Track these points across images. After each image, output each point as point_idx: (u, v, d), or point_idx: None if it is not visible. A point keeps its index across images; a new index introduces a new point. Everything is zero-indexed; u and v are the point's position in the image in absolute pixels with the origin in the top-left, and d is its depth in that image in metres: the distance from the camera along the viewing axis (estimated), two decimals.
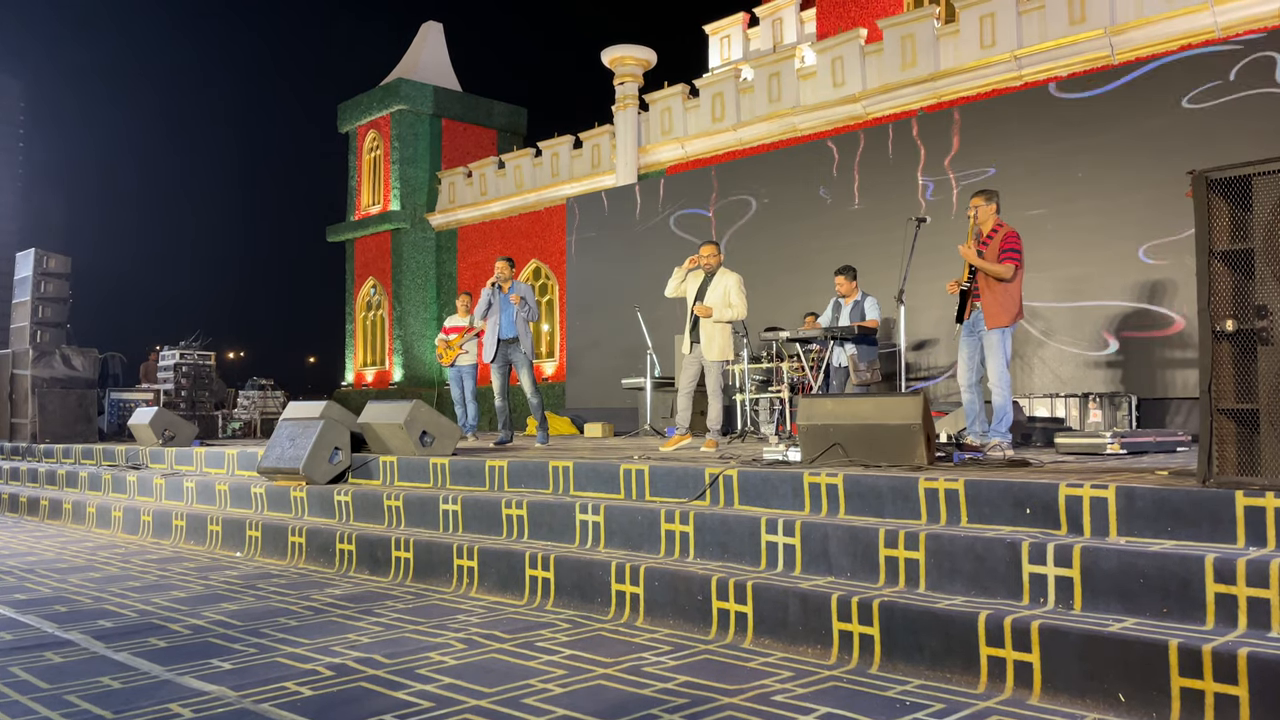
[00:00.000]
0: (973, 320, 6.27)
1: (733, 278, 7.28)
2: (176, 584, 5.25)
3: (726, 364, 7.37)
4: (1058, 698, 2.94)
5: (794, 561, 4.04)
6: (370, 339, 25.04)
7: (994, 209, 6.30)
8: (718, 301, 7.23)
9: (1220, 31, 11.73)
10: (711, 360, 7.27)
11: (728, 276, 7.29)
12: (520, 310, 8.53)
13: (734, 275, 7.31)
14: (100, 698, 3.10)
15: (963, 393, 6.44)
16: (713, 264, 7.35)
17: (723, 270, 7.36)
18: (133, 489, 8.25)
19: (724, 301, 7.22)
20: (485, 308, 8.60)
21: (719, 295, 7.24)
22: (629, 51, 18.58)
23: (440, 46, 26.13)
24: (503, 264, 8.76)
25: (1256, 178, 3.36)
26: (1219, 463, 3.45)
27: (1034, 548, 3.39)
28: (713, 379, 7.30)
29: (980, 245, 6.23)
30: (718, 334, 7.24)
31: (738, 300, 7.22)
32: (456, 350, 10.58)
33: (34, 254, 11.73)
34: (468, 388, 10.62)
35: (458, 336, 10.59)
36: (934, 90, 14.21)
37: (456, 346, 10.57)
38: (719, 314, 7.21)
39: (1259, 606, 2.90)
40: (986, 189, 6.41)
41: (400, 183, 23.80)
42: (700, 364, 7.39)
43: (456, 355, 10.59)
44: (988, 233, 6.26)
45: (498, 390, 8.64)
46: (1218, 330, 3.43)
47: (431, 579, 5.08)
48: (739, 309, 7.23)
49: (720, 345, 7.25)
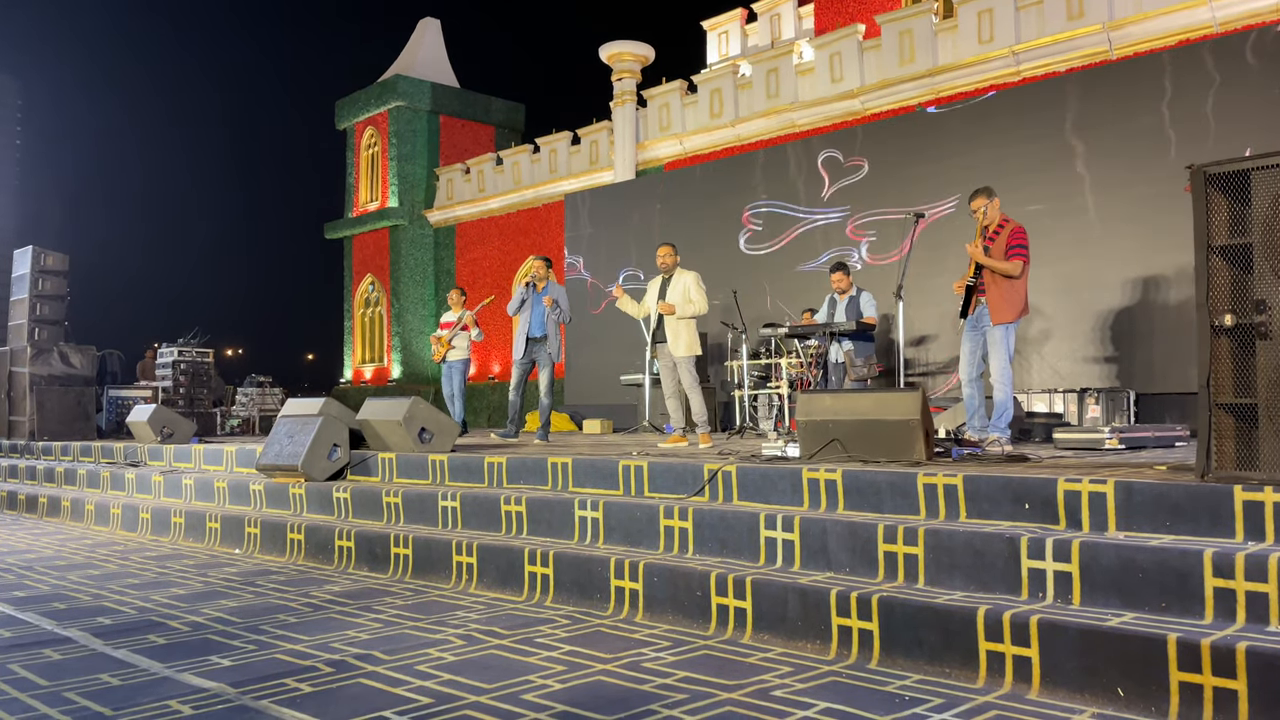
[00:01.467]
0: (977, 315, 6.26)
1: (690, 275, 7.58)
2: (175, 581, 5.25)
3: (695, 358, 7.61)
4: (1057, 692, 2.95)
5: (793, 557, 4.05)
6: (368, 336, 25.03)
7: (997, 204, 6.30)
8: (679, 299, 7.50)
9: (1218, 26, 11.72)
10: (680, 356, 7.52)
11: (685, 275, 7.59)
12: (552, 312, 8.54)
13: (691, 273, 7.61)
14: (99, 695, 3.10)
15: (963, 387, 6.44)
16: (670, 264, 7.65)
17: (680, 270, 7.66)
18: (131, 486, 8.25)
19: (684, 298, 7.49)
20: (519, 304, 8.62)
21: (679, 293, 7.53)
22: (627, 48, 18.56)
23: (438, 43, 26.09)
24: (538, 263, 8.75)
25: (1255, 172, 3.36)
26: (1217, 458, 3.46)
27: (1033, 543, 3.39)
28: (686, 375, 7.55)
29: (986, 241, 6.20)
30: (683, 330, 7.52)
31: (697, 296, 7.51)
32: (446, 346, 10.55)
33: (32, 251, 11.71)
34: (456, 384, 10.57)
35: (448, 333, 10.55)
36: (932, 86, 14.20)
37: (446, 342, 10.54)
38: (681, 310, 7.48)
39: (1257, 601, 2.91)
40: (985, 187, 6.39)
41: (398, 179, 23.78)
42: (672, 363, 7.65)
43: (446, 351, 10.56)
44: (994, 229, 6.24)
45: (514, 385, 8.65)
46: (1216, 325, 3.44)
47: (430, 575, 5.09)
48: (699, 304, 7.52)
49: (686, 341, 7.52)
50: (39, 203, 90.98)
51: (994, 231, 6.22)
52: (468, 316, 10.52)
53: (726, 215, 13.32)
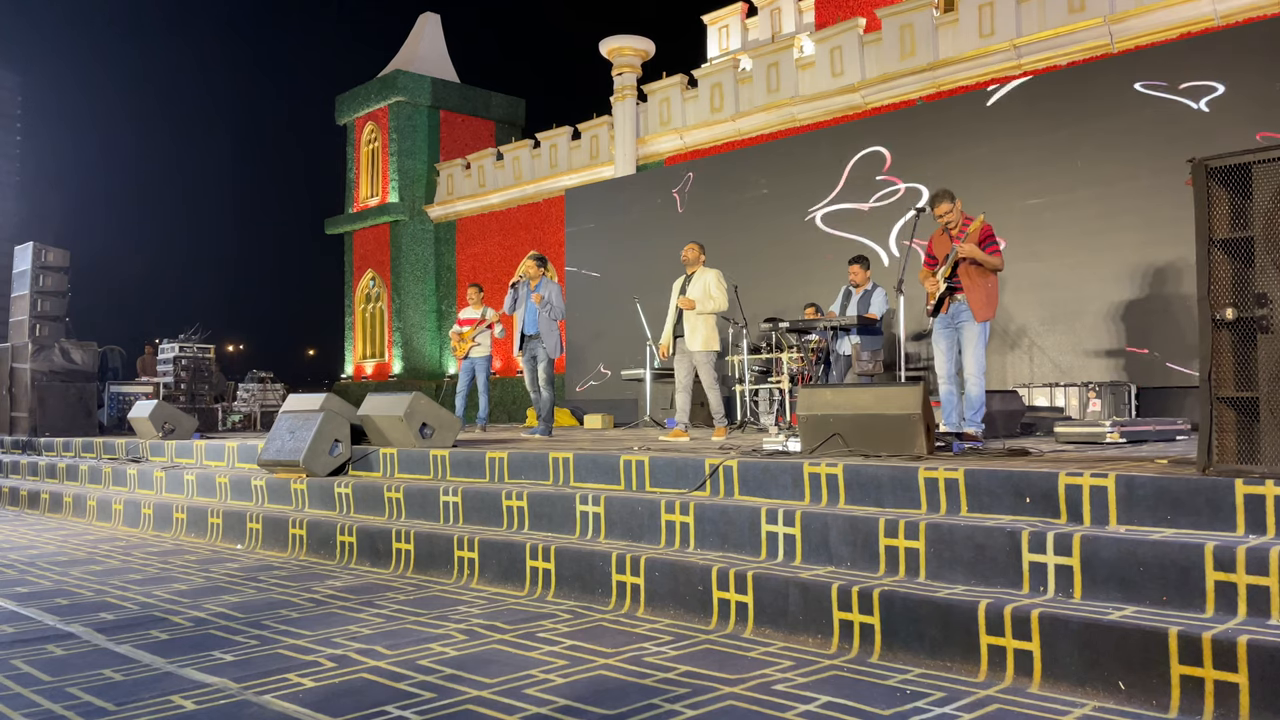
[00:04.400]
0: (952, 313, 6.34)
1: (712, 273, 7.87)
2: (177, 576, 5.26)
3: (714, 354, 7.87)
4: (1058, 686, 2.95)
5: (794, 551, 4.05)
6: (369, 331, 25.03)
7: (960, 205, 6.44)
8: (699, 295, 7.79)
9: (1220, 20, 11.70)
10: (696, 351, 7.77)
11: (708, 273, 7.88)
12: (543, 309, 8.56)
13: (713, 271, 7.91)
14: (102, 690, 3.11)
15: (941, 384, 6.45)
16: (694, 261, 7.94)
17: (703, 268, 7.95)
18: (133, 482, 8.26)
19: (704, 295, 7.78)
20: (512, 303, 8.66)
21: (700, 290, 7.81)
22: (627, 42, 18.53)
23: (438, 38, 26.05)
24: (529, 262, 8.77)
25: (1256, 165, 3.36)
26: (1219, 451, 3.45)
27: (1034, 536, 3.39)
28: (705, 371, 7.82)
29: (954, 240, 6.30)
30: (700, 325, 7.79)
31: (717, 293, 7.80)
32: (469, 343, 10.59)
33: (32, 248, 11.71)
34: (480, 380, 10.65)
35: (470, 329, 10.60)
36: (933, 80, 14.18)
37: (469, 339, 10.57)
38: (701, 306, 7.76)
39: (1259, 594, 2.91)
40: (946, 190, 6.46)
41: (398, 174, 23.76)
42: (689, 358, 7.86)
43: (470, 348, 10.60)
44: (957, 230, 6.34)
45: (529, 382, 8.67)
46: (1217, 318, 3.43)
47: (432, 570, 5.09)
48: (719, 301, 7.80)
49: (704, 335, 7.78)
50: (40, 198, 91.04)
51: (959, 231, 6.31)
52: (493, 315, 10.56)
53: (731, 209, 13.31)
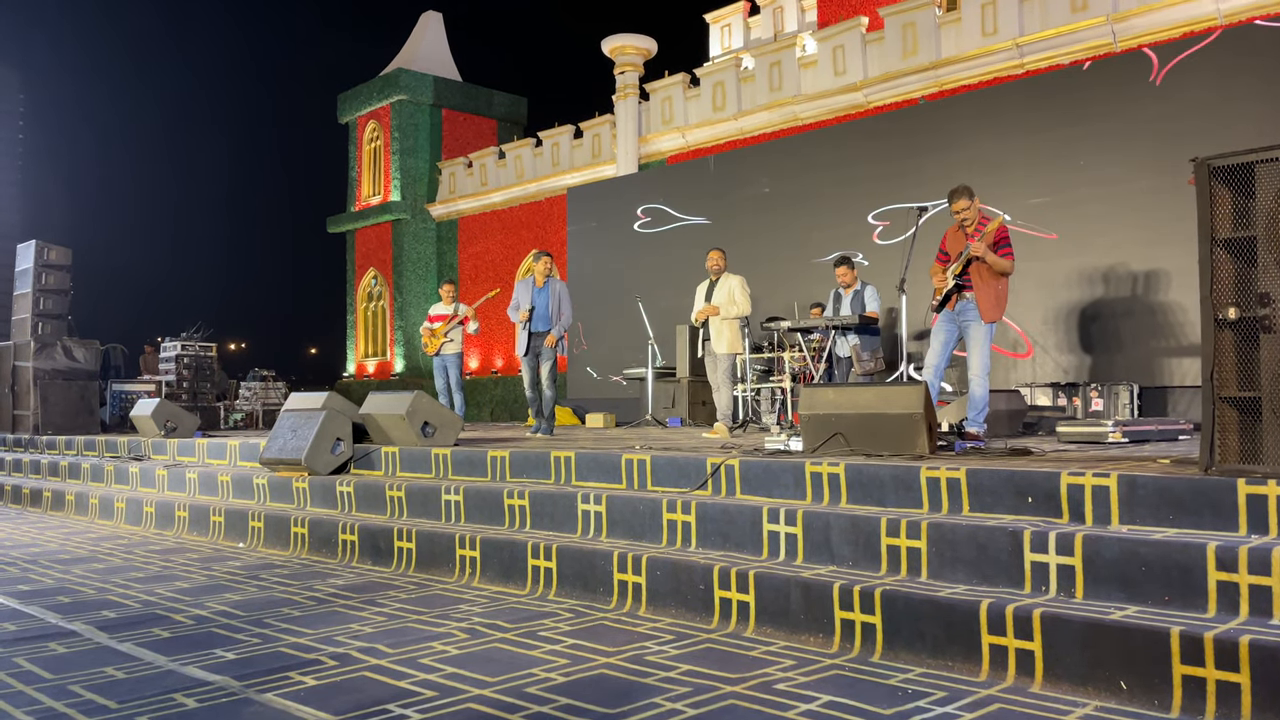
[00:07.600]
0: (958, 310, 6.28)
1: (736, 279, 8.17)
2: (179, 574, 5.26)
3: (736, 356, 8.21)
4: (1059, 686, 2.95)
5: (796, 551, 4.05)
6: (371, 330, 25.04)
7: (977, 203, 6.35)
8: (723, 300, 8.10)
9: (1223, 19, 11.68)
10: (721, 353, 8.11)
11: (731, 279, 8.19)
12: (554, 307, 8.52)
13: (737, 277, 8.21)
14: (104, 688, 3.11)
15: (926, 374, 6.31)
16: (719, 267, 8.24)
17: (727, 273, 8.26)
18: (135, 480, 8.26)
19: (729, 300, 8.09)
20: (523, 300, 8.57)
21: (724, 295, 8.13)
22: (629, 40, 18.52)
23: (440, 36, 26.06)
24: (543, 260, 8.70)
25: (1259, 165, 3.35)
26: (1221, 451, 3.45)
27: (1036, 536, 3.39)
28: (721, 370, 8.14)
29: (969, 239, 6.26)
30: (725, 329, 8.12)
31: (741, 298, 8.10)
32: (441, 339, 10.47)
33: (35, 246, 11.72)
34: (453, 377, 10.46)
35: (442, 325, 10.47)
36: (936, 78, 14.17)
37: (441, 335, 10.46)
38: (725, 311, 8.08)
39: (1261, 594, 2.90)
40: (965, 187, 6.39)
41: (400, 173, 23.76)
42: (716, 361, 8.25)
43: (441, 344, 10.48)
44: (974, 227, 6.28)
45: (528, 383, 8.60)
46: (1220, 318, 3.43)
47: (434, 569, 5.09)
48: (742, 306, 8.12)
49: (729, 339, 8.12)
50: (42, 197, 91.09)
51: (975, 230, 6.26)
52: (466, 310, 10.47)
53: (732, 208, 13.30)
